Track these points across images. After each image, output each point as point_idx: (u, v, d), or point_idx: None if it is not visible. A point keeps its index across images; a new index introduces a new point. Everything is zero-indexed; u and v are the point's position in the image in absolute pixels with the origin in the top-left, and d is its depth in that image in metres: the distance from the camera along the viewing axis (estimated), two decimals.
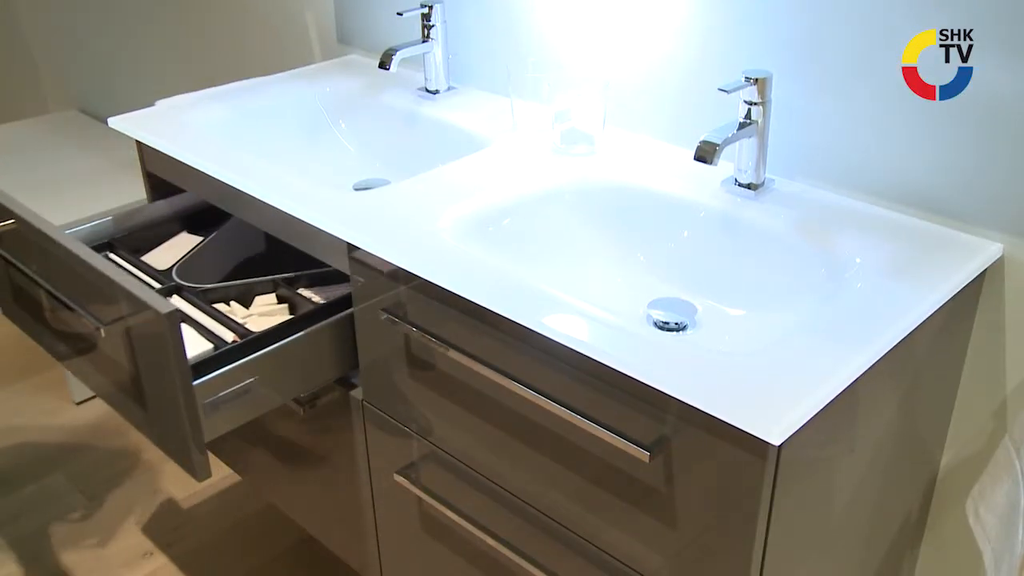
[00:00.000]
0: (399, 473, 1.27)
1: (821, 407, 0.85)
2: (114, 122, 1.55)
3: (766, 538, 0.89)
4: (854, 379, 0.89)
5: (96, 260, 1.17)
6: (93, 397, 2.39)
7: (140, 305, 1.10)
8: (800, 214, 1.17)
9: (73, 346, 1.35)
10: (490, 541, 1.16)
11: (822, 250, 1.12)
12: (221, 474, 2.09)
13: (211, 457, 1.86)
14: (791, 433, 0.82)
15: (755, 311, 1.15)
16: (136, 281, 1.13)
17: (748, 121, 1.18)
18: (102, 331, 1.17)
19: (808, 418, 0.83)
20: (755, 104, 1.17)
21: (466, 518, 1.19)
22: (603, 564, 1.06)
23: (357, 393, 1.32)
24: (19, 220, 1.29)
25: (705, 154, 1.11)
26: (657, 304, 1.17)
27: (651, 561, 1.00)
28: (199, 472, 1.17)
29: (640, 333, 0.97)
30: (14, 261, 1.38)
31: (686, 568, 0.96)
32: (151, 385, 1.18)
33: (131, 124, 1.54)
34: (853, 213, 1.17)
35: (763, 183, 1.23)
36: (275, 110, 1.65)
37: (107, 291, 1.15)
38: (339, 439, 1.41)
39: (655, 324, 1.14)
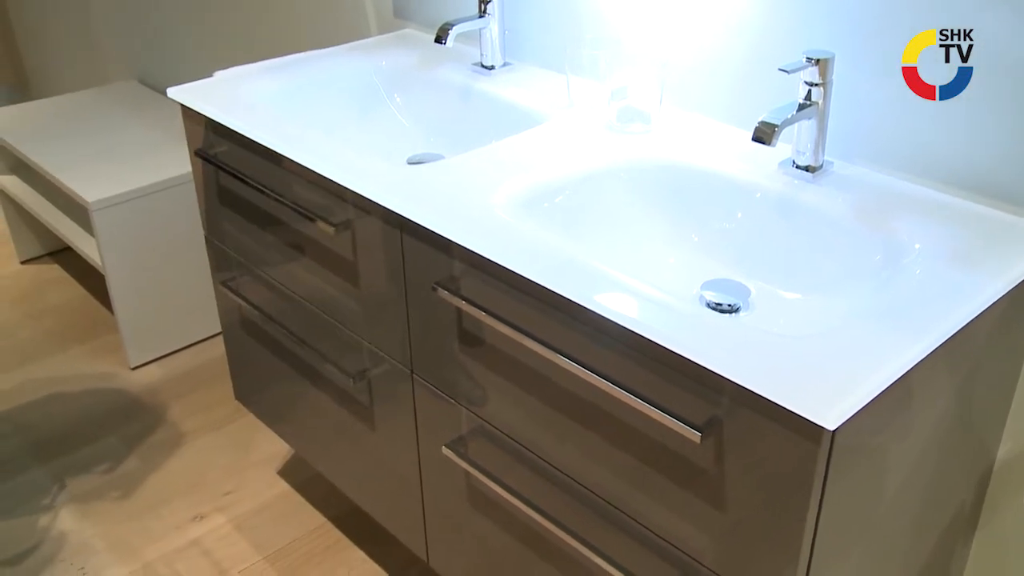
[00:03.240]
0: (447, 446, 1.28)
1: (877, 394, 0.84)
2: (173, 92, 1.57)
3: (816, 524, 0.88)
4: (910, 367, 0.87)
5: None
6: (149, 362, 2.44)
7: (373, 206, 1.24)
8: (859, 198, 1.15)
9: (288, 253, 1.50)
10: (536, 517, 1.17)
11: (880, 235, 1.10)
12: (271, 443, 2.12)
13: (261, 426, 1.89)
14: (846, 419, 0.81)
15: (810, 295, 1.14)
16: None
17: (808, 102, 1.16)
18: (332, 232, 1.32)
19: (863, 404, 0.82)
20: (816, 85, 1.15)
21: (513, 493, 1.20)
22: (649, 543, 1.06)
23: (407, 366, 1.33)
24: (244, 139, 1.44)
25: (763, 135, 1.09)
26: (710, 285, 1.16)
27: (698, 542, 0.99)
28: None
29: (693, 313, 0.96)
30: (237, 174, 1.51)
31: (733, 550, 0.96)
32: (370, 280, 1.32)
33: (189, 95, 1.56)
34: (914, 198, 1.15)
35: (821, 166, 1.21)
36: (331, 83, 1.66)
37: (341, 196, 1.31)
38: (388, 411, 1.43)
39: (708, 305, 1.13)
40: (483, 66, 1.63)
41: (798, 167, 1.21)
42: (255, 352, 1.76)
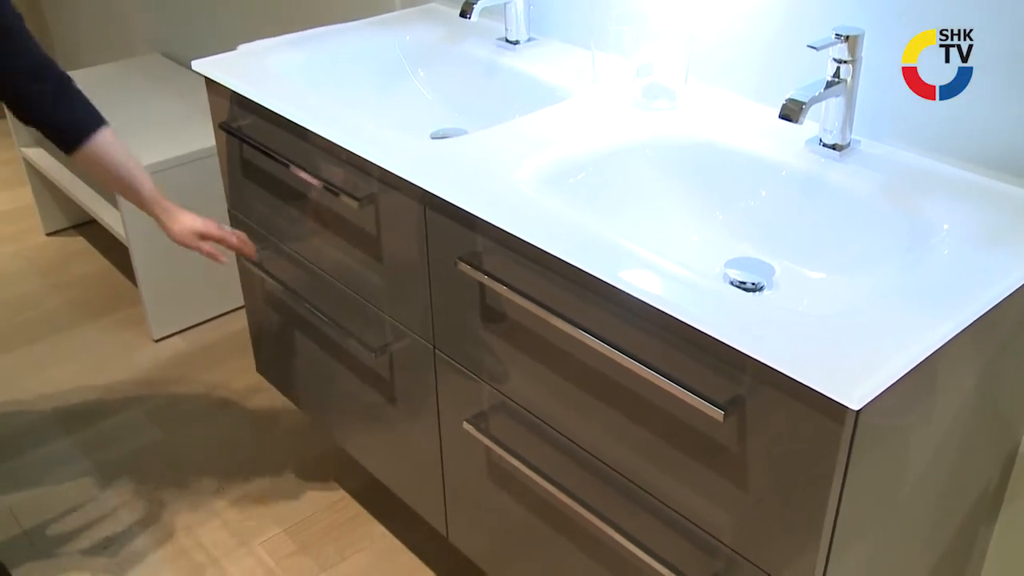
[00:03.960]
0: (468, 422, 1.29)
1: (902, 374, 0.83)
2: (197, 65, 1.57)
3: (839, 504, 0.88)
4: (937, 348, 0.86)
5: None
6: (172, 335, 2.46)
7: (397, 180, 1.23)
8: (886, 177, 1.14)
9: (311, 227, 1.50)
10: (556, 493, 1.17)
11: (908, 215, 1.09)
12: (293, 416, 2.13)
13: (283, 399, 1.90)
14: (870, 399, 0.80)
15: (835, 275, 1.13)
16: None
17: (836, 80, 1.15)
18: (356, 207, 1.32)
19: (888, 384, 0.82)
20: (845, 62, 1.14)
21: (533, 469, 1.20)
22: (669, 520, 1.06)
23: (429, 341, 1.33)
24: (269, 112, 1.44)
25: (790, 112, 1.08)
26: (734, 263, 1.16)
27: (718, 520, 0.99)
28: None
29: (717, 291, 0.96)
30: (261, 148, 1.51)
31: (754, 529, 0.96)
32: (393, 254, 1.33)
33: (213, 67, 1.56)
34: (943, 177, 1.14)
35: (849, 144, 1.20)
36: (355, 57, 1.65)
37: (365, 170, 1.31)
38: (409, 386, 1.43)
39: (731, 283, 1.12)
40: (508, 41, 1.62)
41: (825, 145, 1.20)
42: (277, 326, 1.76)
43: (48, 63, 1.38)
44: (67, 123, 1.42)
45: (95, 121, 1.44)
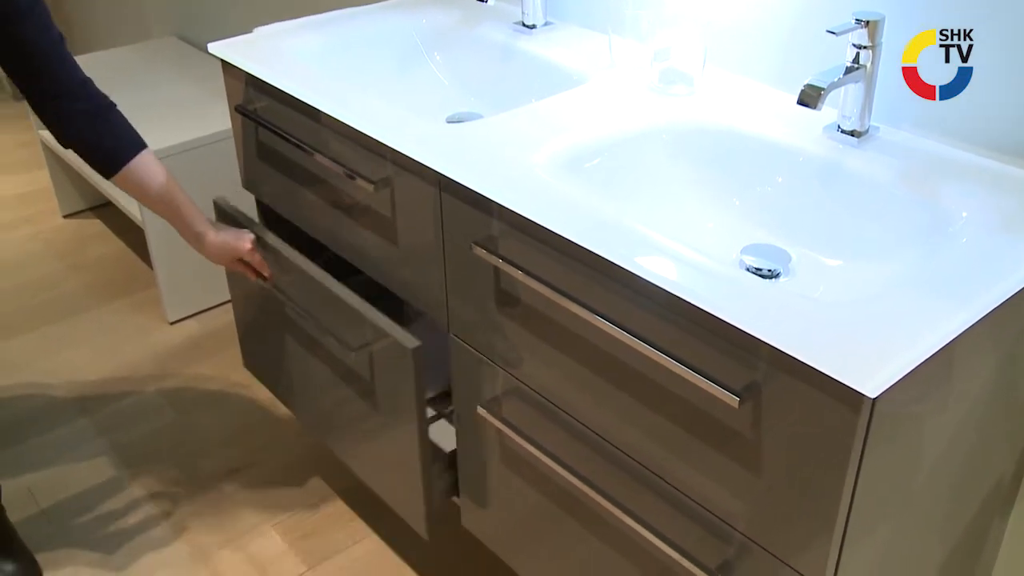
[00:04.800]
0: (482, 406, 1.29)
1: (919, 362, 0.82)
2: (213, 48, 1.57)
3: (853, 492, 0.87)
4: (954, 336, 0.86)
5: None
6: (186, 317, 2.47)
7: (412, 164, 1.23)
8: (905, 164, 1.13)
9: (326, 210, 1.51)
10: (569, 478, 1.17)
11: (926, 202, 1.08)
12: None
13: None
14: (887, 387, 0.80)
15: (852, 262, 1.12)
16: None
17: (856, 65, 1.14)
18: (372, 190, 1.32)
19: (905, 372, 0.81)
20: (864, 48, 1.13)
21: (547, 454, 1.20)
22: (682, 506, 1.06)
23: (443, 326, 1.33)
24: (285, 95, 1.44)
25: (809, 98, 1.07)
26: (750, 250, 1.15)
27: (732, 506, 0.99)
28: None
29: (733, 277, 0.95)
30: (276, 131, 1.50)
31: (768, 516, 0.95)
32: (409, 238, 1.33)
33: (229, 50, 1.56)
34: (962, 165, 1.13)
35: (867, 130, 1.19)
36: (371, 41, 1.65)
37: (380, 153, 1.31)
38: None
39: (748, 270, 1.12)
40: (524, 25, 1.62)
41: (843, 132, 1.19)
42: (265, 317, 1.76)
43: (88, 85, 1.38)
44: (105, 147, 1.41)
45: (134, 145, 1.43)
